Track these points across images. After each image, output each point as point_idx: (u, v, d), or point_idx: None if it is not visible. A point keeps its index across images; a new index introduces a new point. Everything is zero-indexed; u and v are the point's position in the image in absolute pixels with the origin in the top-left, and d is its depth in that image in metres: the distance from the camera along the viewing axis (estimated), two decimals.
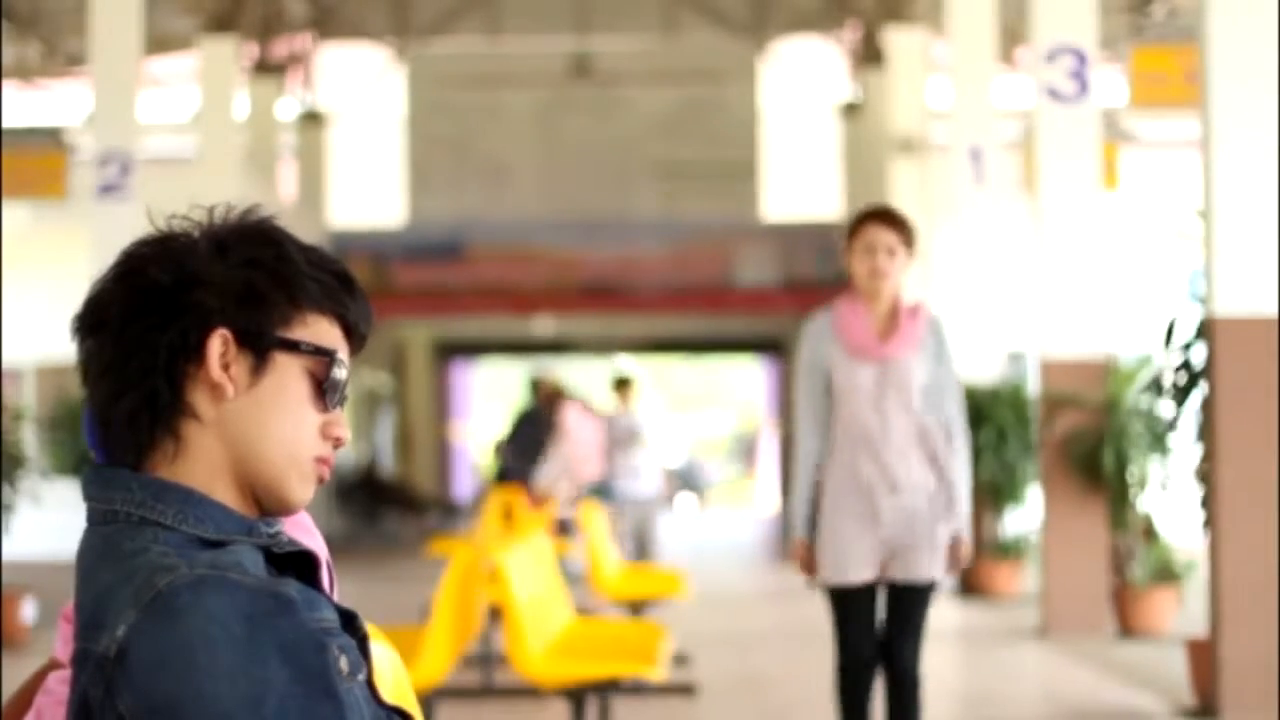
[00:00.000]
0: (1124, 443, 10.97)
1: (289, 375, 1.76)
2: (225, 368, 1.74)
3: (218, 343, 1.73)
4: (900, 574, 5.74)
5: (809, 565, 5.84)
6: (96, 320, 1.76)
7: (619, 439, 14.07)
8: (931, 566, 5.73)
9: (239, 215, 1.80)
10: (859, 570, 5.74)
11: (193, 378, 1.74)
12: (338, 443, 1.80)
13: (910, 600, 5.78)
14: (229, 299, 1.74)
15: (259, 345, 1.75)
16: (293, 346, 1.76)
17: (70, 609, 1.78)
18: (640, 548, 13.90)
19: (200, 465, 1.74)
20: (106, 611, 1.65)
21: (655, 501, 14.24)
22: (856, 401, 5.75)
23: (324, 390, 1.78)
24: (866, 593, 5.79)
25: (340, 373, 1.79)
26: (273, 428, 1.75)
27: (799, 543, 5.88)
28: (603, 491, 14.14)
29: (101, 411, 1.76)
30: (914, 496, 5.73)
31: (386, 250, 22.54)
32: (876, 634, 5.82)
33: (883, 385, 5.74)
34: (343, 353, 1.80)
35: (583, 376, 29.59)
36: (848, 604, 5.82)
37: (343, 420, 1.81)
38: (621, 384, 14.47)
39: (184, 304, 1.73)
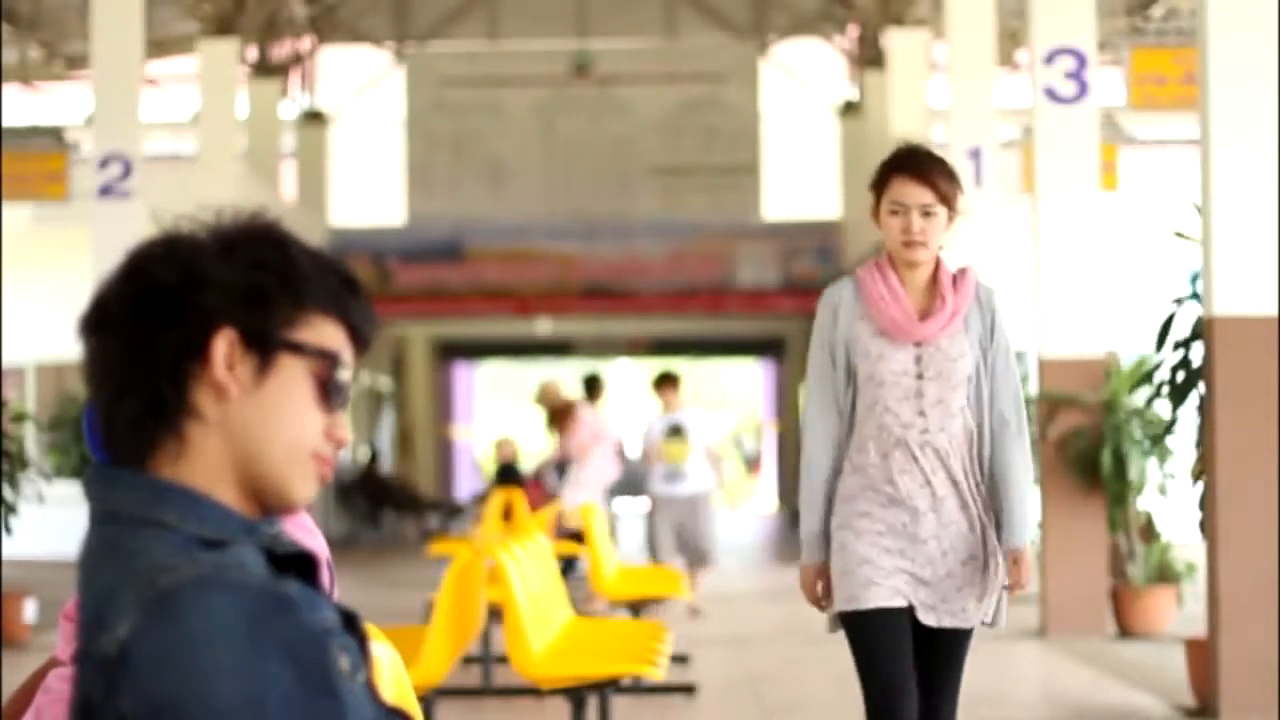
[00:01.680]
0: (1123, 442, 10.98)
1: (293, 377, 1.77)
2: (230, 368, 1.75)
3: (223, 343, 1.74)
4: (938, 618, 4.55)
5: (821, 597, 4.66)
6: (102, 319, 1.77)
7: (656, 439, 13.44)
8: (980, 608, 4.58)
9: (245, 217, 1.81)
10: (886, 594, 4.54)
11: (197, 378, 1.75)
12: (339, 444, 1.82)
13: (950, 650, 4.61)
14: (234, 300, 1.75)
15: (264, 346, 1.76)
16: (297, 348, 1.77)
17: (72, 607, 1.79)
18: (688, 548, 13.21)
19: (203, 465, 1.76)
20: (109, 611, 1.66)
21: (700, 499, 13.40)
22: (889, 395, 4.59)
23: (327, 392, 1.79)
24: (897, 623, 4.56)
25: (344, 375, 1.80)
26: (276, 428, 1.76)
27: (810, 569, 4.65)
28: (634, 490, 13.65)
29: (105, 411, 1.77)
30: (960, 517, 4.58)
31: (386, 250, 22.55)
32: (913, 677, 4.58)
33: (921, 374, 4.59)
34: (346, 355, 1.82)
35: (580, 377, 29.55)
36: (873, 635, 4.57)
37: (344, 422, 1.83)
38: (664, 381, 13.79)
39: (189, 304, 1.74)
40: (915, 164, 4.62)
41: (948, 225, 4.62)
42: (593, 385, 15.36)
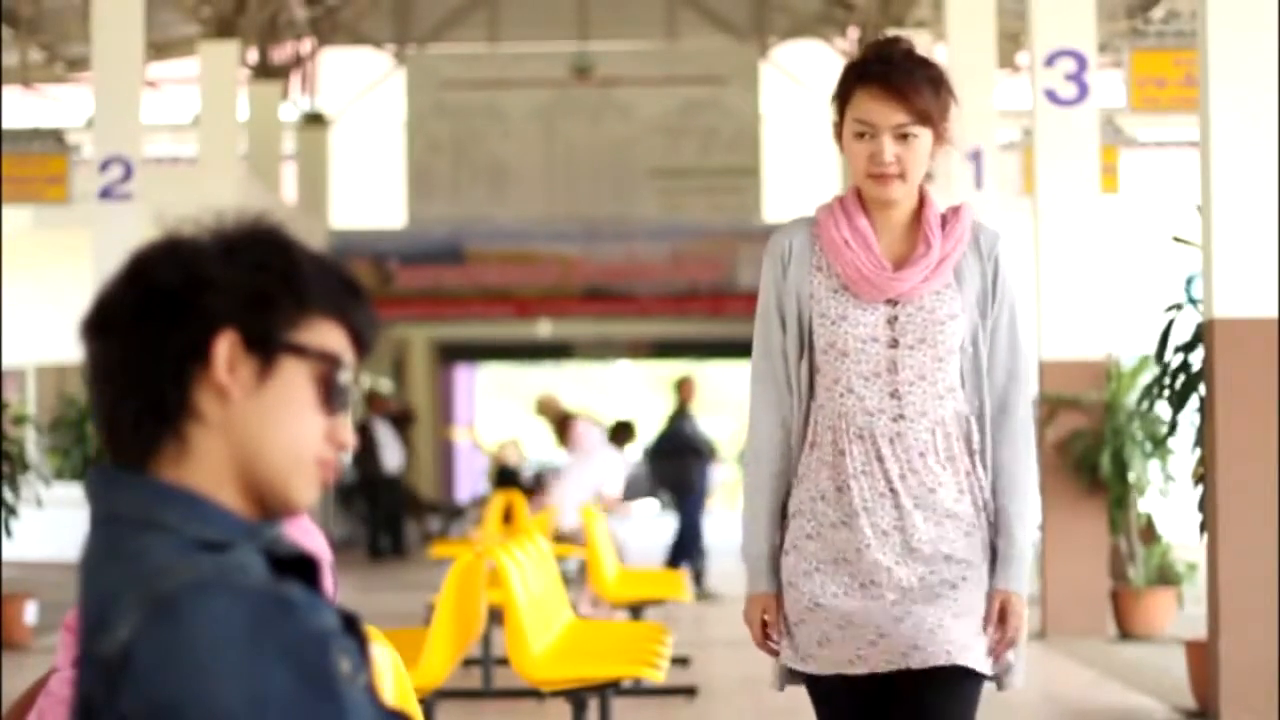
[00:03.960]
0: (1124, 444, 10.98)
1: (294, 379, 1.78)
2: (231, 370, 1.75)
3: (224, 345, 1.75)
4: (919, 658, 3.47)
5: (769, 635, 3.65)
6: (103, 322, 1.77)
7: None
8: (970, 644, 3.52)
9: (248, 220, 1.82)
10: (844, 657, 3.53)
11: (199, 380, 1.75)
12: (341, 447, 1.82)
13: (938, 700, 3.54)
14: (236, 302, 1.75)
15: (265, 348, 1.76)
16: (299, 350, 1.77)
17: (72, 619, 1.79)
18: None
19: (205, 467, 1.76)
20: (110, 613, 1.66)
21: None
22: (852, 370, 3.52)
23: (329, 394, 1.79)
24: (859, 691, 3.56)
25: (345, 378, 1.81)
26: (277, 431, 1.77)
27: (754, 600, 3.64)
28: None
29: (107, 413, 1.77)
30: (939, 533, 3.51)
31: (387, 252, 22.56)
32: None
33: (897, 341, 3.52)
34: (348, 358, 1.82)
35: (583, 380, 29.63)
36: (831, 708, 3.65)
37: (347, 425, 1.83)
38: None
39: (191, 306, 1.75)
40: (886, 72, 3.51)
41: (934, 151, 3.54)
42: (680, 388, 15.47)
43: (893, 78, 3.49)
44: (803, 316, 3.58)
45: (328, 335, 1.80)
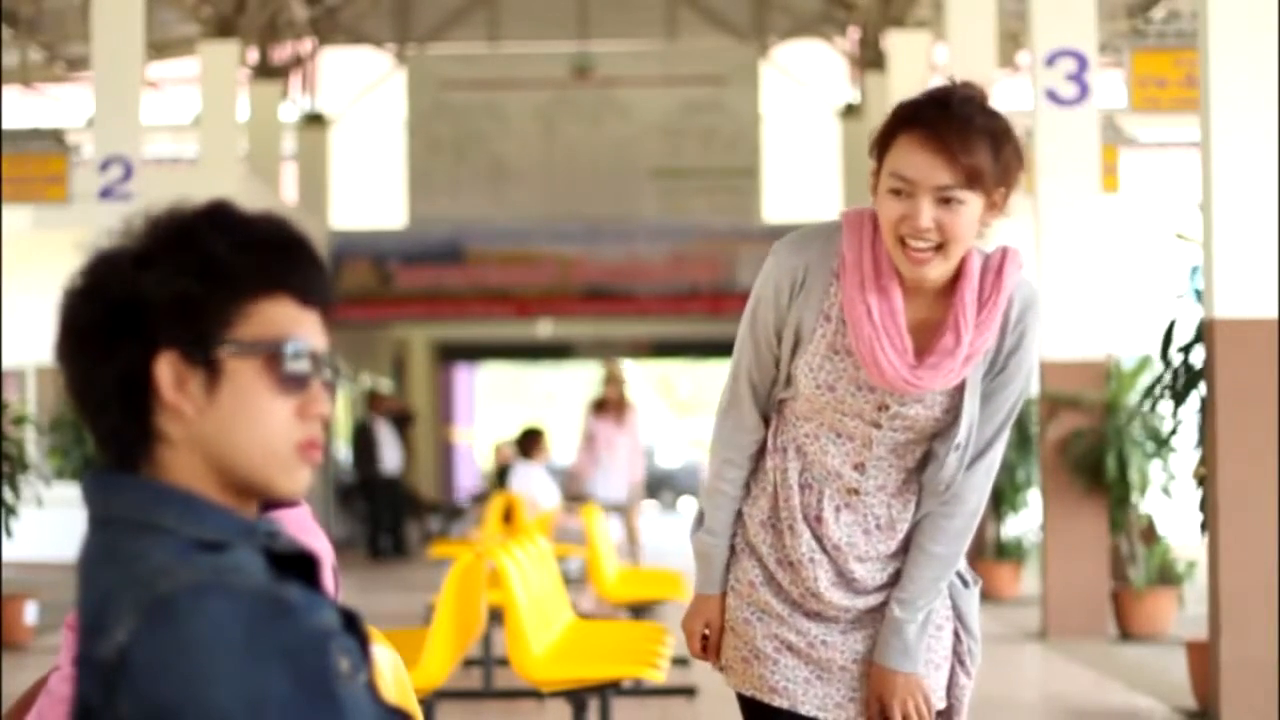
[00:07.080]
0: (1125, 444, 10.98)
1: (245, 376, 1.74)
2: (180, 388, 1.73)
3: (165, 368, 1.73)
4: (848, 713, 3.14)
5: (708, 645, 3.21)
6: (58, 353, 1.78)
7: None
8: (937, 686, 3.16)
9: (156, 220, 1.78)
10: (799, 692, 3.12)
11: (154, 404, 1.73)
12: (318, 419, 1.77)
13: None
14: (164, 318, 1.72)
15: (205, 356, 1.73)
16: (236, 347, 1.73)
17: (74, 618, 1.79)
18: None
19: (182, 480, 1.75)
20: (108, 615, 1.65)
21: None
22: (824, 430, 3.10)
23: (283, 377, 1.75)
24: None
25: (296, 357, 1.76)
26: (242, 433, 1.74)
27: (707, 603, 3.19)
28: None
29: (89, 430, 1.79)
30: (882, 586, 3.15)
31: (387, 252, 22.56)
32: None
33: (880, 423, 3.08)
34: (300, 328, 1.76)
35: (583, 381, 29.61)
36: None
37: (321, 396, 1.77)
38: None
39: (122, 334, 1.73)
40: (936, 119, 2.91)
41: (984, 221, 2.96)
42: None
43: (943, 127, 2.90)
44: (795, 343, 3.08)
45: (270, 313, 1.76)
